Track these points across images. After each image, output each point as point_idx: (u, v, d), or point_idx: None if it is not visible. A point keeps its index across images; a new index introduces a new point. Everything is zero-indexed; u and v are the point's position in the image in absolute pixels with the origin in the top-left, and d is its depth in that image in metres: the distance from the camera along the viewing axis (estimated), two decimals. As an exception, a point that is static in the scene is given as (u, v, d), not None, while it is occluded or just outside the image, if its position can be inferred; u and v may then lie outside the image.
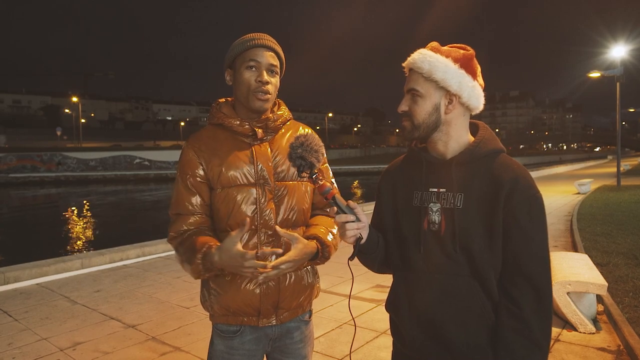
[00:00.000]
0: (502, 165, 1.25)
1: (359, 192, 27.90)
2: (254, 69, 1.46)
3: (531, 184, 1.23)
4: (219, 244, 1.32)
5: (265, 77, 1.47)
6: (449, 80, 1.23)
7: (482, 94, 1.29)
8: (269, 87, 1.48)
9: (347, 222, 1.22)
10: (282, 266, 1.33)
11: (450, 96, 1.25)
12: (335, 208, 1.23)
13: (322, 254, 1.46)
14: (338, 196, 1.24)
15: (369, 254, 1.34)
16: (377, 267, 1.42)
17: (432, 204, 1.27)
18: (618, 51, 17.86)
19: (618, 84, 17.31)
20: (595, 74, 18.33)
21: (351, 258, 1.28)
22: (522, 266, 1.19)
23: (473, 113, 1.32)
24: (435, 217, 1.26)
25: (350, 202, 1.25)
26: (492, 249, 1.20)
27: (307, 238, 1.45)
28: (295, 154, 1.26)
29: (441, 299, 1.24)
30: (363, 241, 1.27)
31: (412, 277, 1.31)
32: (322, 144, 1.30)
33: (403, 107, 1.30)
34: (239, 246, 1.26)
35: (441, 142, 1.29)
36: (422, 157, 1.33)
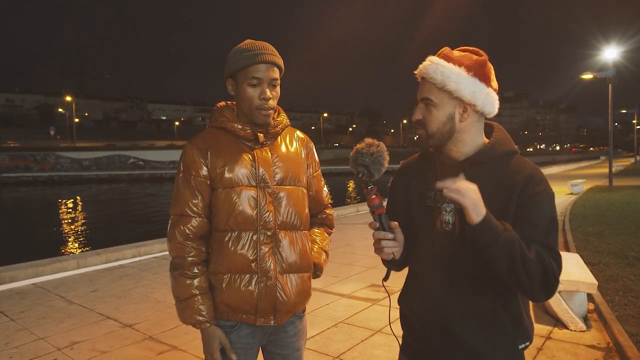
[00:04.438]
0: (516, 166, 1.27)
1: (353, 191, 27.96)
2: (256, 85, 1.50)
3: (543, 181, 1.24)
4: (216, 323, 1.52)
5: (268, 93, 1.50)
6: (463, 91, 1.23)
7: (496, 98, 1.28)
8: (271, 102, 1.53)
9: (385, 239, 1.26)
10: None
11: (465, 105, 1.25)
12: (377, 224, 1.27)
13: (314, 275, 1.68)
14: (385, 214, 1.27)
15: (396, 265, 1.38)
16: (396, 268, 1.45)
17: (445, 204, 1.28)
18: (610, 53, 18.05)
19: (610, 85, 17.50)
20: (587, 76, 18.52)
21: (385, 279, 1.35)
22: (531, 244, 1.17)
23: (488, 117, 1.32)
24: (449, 218, 1.27)
25: (392, 223, 1.28)
26: None
27: None
28: (361, 160, 1.26)
29: (452, 297, 1.27)
30: (396, 259, 1.31)
31: (423, 274, 1.34)
32: (388, 157, 1.28)
33: (417, 115, 1.30)
34: (218, 354, 1.48)
35: (455, 148, 1.30)
36: (436, 158, 1.34)
